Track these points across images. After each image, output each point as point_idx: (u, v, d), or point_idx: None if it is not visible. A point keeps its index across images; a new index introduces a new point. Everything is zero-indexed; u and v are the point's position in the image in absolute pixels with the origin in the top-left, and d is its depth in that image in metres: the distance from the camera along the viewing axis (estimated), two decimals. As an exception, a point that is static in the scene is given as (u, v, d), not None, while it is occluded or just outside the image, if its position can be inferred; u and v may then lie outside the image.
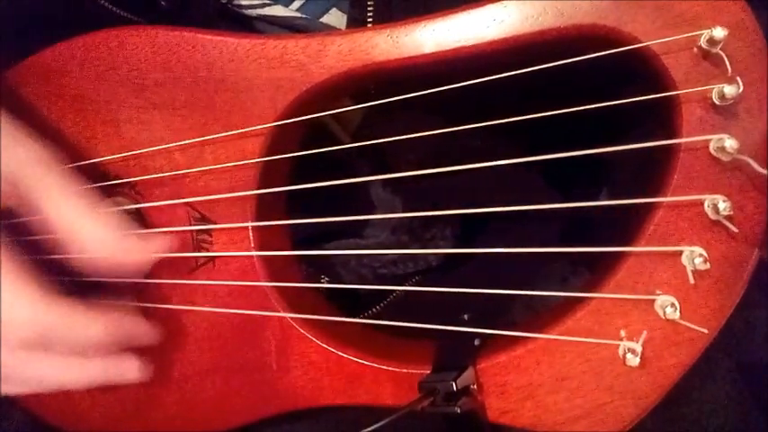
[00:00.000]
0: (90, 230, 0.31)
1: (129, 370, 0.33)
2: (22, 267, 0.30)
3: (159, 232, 0.35)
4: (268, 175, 0.33)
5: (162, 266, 0.36)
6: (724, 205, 0.26)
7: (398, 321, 0.33)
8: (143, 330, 0.34)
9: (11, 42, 0.38)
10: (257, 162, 0.33)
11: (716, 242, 0.27)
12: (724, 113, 0.26)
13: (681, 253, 0.27)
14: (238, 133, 0.32)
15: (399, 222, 0.44)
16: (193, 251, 0.35)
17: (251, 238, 0.34)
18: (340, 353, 0.33)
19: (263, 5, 0.39)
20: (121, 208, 0.36)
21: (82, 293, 0.32)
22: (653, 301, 0.28)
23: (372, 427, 0.27)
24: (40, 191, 0.30)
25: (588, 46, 0.28)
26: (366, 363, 0.33)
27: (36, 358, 0.31)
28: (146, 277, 0.35)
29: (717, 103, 0.26)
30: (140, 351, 0.34)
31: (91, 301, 0.32)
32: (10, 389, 0.32)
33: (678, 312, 0.27)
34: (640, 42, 0.27)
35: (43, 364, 0.31)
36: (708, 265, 0.27)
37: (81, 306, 0.31)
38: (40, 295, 0.29)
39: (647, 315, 0.28)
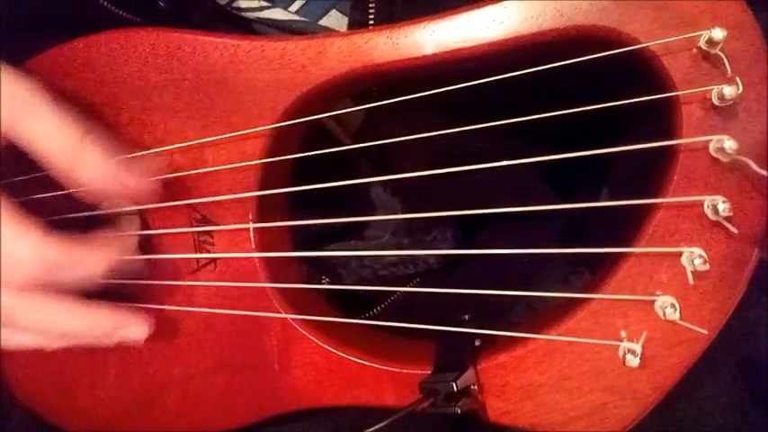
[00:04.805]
0: (88, 159, 0.30)
1: (135, 326, 0.33)
2: (19, 207, 0.29)
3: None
4: (269, 176, 0.33)
5: (163, 267, 0.36)
6: (724, 206, 0.26)
7: (399, 322, 0.33)
8: (142, 265, 0.33)
9: (11, 43, 0.38)
10: (258, 163, 0.33)
11: (716, 243, 0.27)
12: (723, 114, 0.26)
13: (681, 254, 0.27)
14: (239, 135, 0.33)
15: (400, 224, 0.44)
16: (195, 252, 0.35)
17: (252, 239, 0.34)
18: (341, 353, 0.33)
19: (262, 8, 0.39)
20: (123, 210, 0.36)
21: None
22: (653, 301, 0.28)
23: (373, 428, 0.27)
24: (32, 126, 0.29)
25: (588, 47, 0.28)
26: (367, 363, 0.33)
27: (39, 301, 0.30)
28: (147, 278, 0.35)
29: (716, 103, 0.26)
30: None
31: (90, 237, 0.31)
32: (13, 338, 0.31)
33: (678, 313, 0.27)
34: (640, 43, 0.27)
35: (47, 308, 0.30)
36: (707, 266, 0.27)
37: (81, 241, 0.30)
38: (40, 233, 0.29)
39: (647, 316, 0.28)
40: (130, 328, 0.33)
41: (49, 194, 0.35)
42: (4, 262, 0.28)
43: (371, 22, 0.36)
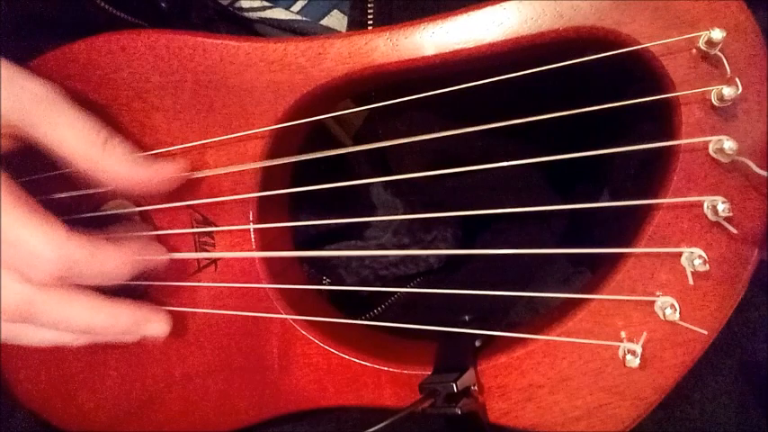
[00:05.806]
0: (106, 157, 0.30)
1: (157, 322, 0.33)
2: (36, 205, 0.29)
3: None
4: (269, 177, 0.34)
5: (165, 268, 0.36)
6: (723, 206, 0.26)
7: (400, 323, 0.33)
8: (161, 258, 0.33)
9: (11, 46, 0.39)
10: (258, 165, 0.33)
11: (715, 243, 0.27)
12: (723, 115, 0.26)
13: (680, 254, 0.27)
14: (240, 136, 0.33)
15: (400, 224, 0.44)
16: (196, 253, 0.35)
17: (253, 239, 0.34)
18: (341, 354, 0.33)
19: (264, 8, 0.39)
20: (124, 211, 0.36)
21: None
22: (653, 302, 0.28)
23: (373, 429, 0.27)
24: (46, 126, 0.30)
25: (587, 47, 0.28)
26: (367, 364, 0.33)
27: (61, 297, 0.30)
28: (148, 279, 0.35)
29: (716, 104, 0.26)
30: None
31: (109, 233, 0.31)
32: (36, 335, 0.32)
33: (678, 313, 0.27)
34: (639, 44, 0.27)
35: (69, 303, 0.30)
36: (707, 267, 0.27)
37: (100, 237, 0.30)
38: (58, 229, 0.29)
39: (647, 316, 0.28)
40: (152, 324, 0.33)
41: (50, 195, 0.35)
42: (25, 258, 0.28)
43: (370, 22, 0.36)
